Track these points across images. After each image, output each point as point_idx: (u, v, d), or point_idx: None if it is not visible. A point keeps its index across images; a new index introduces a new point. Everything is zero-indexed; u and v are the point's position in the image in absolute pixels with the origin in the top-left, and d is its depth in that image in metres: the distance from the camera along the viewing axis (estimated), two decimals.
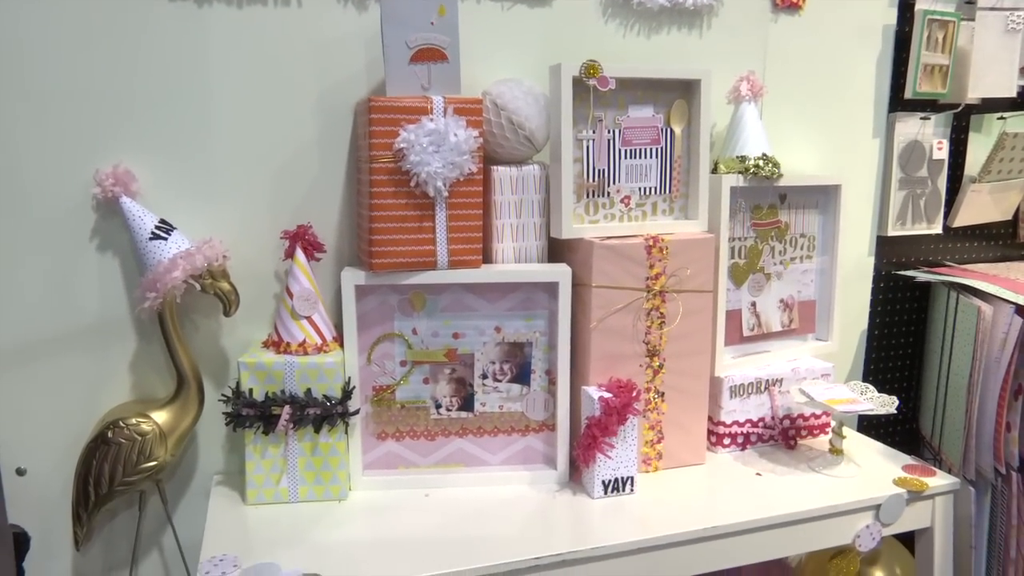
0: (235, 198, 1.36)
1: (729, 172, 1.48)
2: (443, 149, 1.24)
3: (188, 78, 1.31)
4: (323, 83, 1.37)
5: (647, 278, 1.37)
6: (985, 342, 1.66)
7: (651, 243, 1.36)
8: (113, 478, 1.27)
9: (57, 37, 1.24)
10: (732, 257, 1.53)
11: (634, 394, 1.30)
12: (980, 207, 1.94)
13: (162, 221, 1.28)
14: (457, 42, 1.29)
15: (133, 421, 1.28)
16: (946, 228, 1.93)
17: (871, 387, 1.51)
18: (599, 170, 1.39)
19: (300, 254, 1.33)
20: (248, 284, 1.37)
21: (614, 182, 1.41)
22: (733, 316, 1.55)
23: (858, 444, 1.58)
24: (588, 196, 1.39)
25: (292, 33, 1.35)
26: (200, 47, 1.31)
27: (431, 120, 1.24)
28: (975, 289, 1.72)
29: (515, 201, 1.37)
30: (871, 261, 1.87)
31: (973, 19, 1.80)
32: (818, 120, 1.74)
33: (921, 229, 1.89)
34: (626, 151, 1.41)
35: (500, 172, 1.36)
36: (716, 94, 1.54)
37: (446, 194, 1.27)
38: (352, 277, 1.30)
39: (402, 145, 1.23)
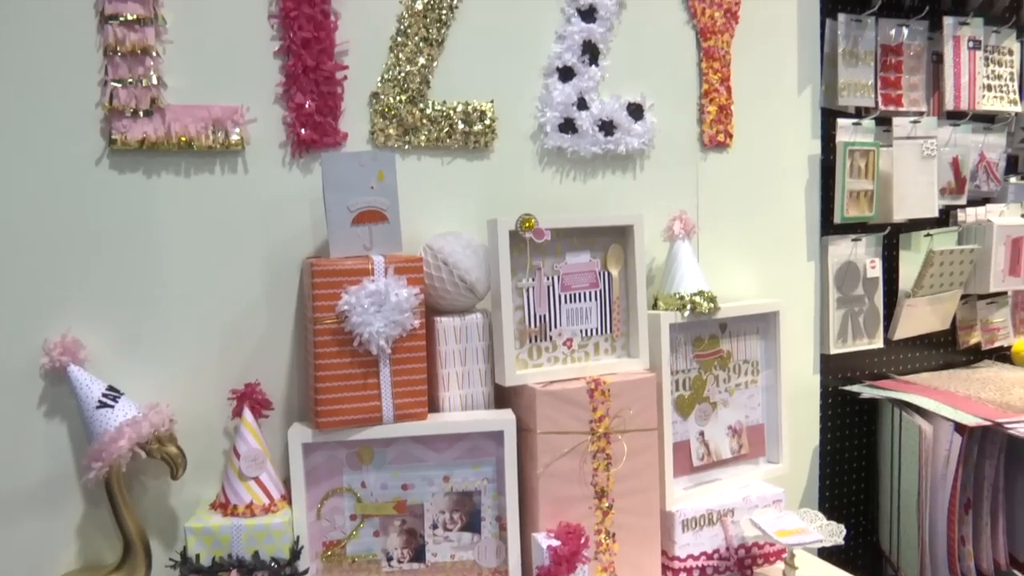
0: (185, 358, 1.39)
1: (668, 309, 1.53)
2: (385, 308, 1.28)
3: (137, 244, 1.35)
4: (270, 242, 1.42)
5: (591, 421, 1.40)
6: (929, 461, 1.70)
7: (593, 386, 1.40)
8: None
9: (6, 206, 1.28)
10: (676, 390, 1.57)
11: (583, 540, 1.31)
12: (918, 319, 2.01)
13: (110, 388, 1.30)
14: (397, 204, 1.35)
15: None
16: (887, 341, 1.99)
17: (820, 515, 1.53)
18: (540, 315, 1.44)
19: (248, 413, 1.35)
20: (197, 442, 1.38)
21: (555, 326, 1.45)
22: (681, 447, 1.58)
23: (814, 570, 1.58)
24: (531, 341, 1.44)
25: (240, 197, 1.41)
26: (149, 215, 1.36)
27: (372, 281, 1.29)
28: (916, 406, 1.77)
29: (459, 350, 1.41)
30: (816, 379, 1.92)
31: (891, 145, 1.91)
32: (754, 248, 1.81)
33: (862, 345, 1.95)
34: (566, 296, 1.46)
35: (444, 323, 1.40)
36: (652, 232, 1.61)
37: (389, 351, 1.30)
38: (299, 435, 1.31)
39: (344, 307, 1.27)
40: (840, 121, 1.87)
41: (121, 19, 1.33)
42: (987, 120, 2.09)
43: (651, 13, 1.67)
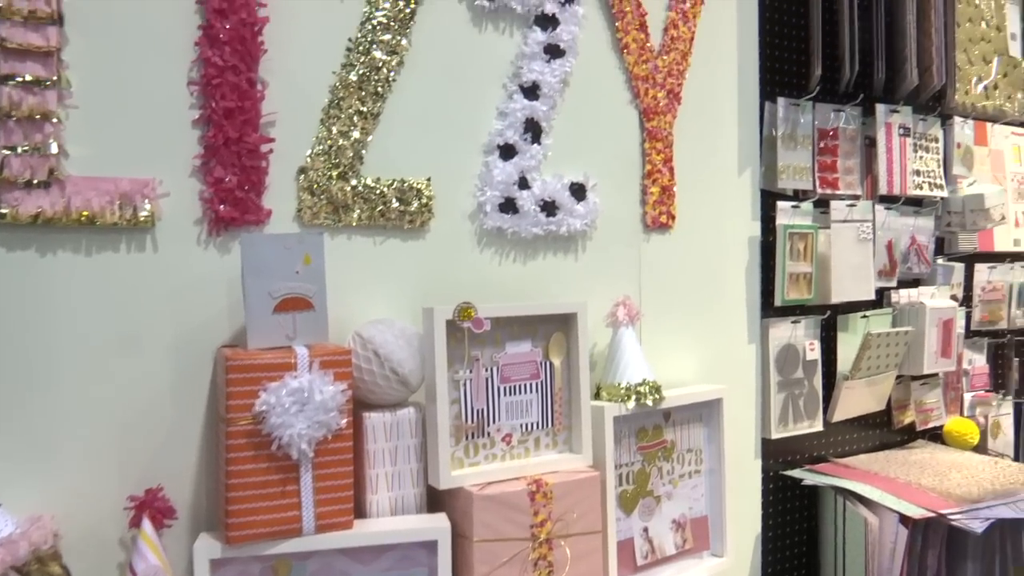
0: (77, 459, 1.22)
1: (611, 400, 1.45)
2: (308, 408, 1.16)
3: (26, 329, 1.20)
4: (180, 329, 1.29)
5: (532, 526, 1.29)
6: (875, 554, 1.65)
7: (535, 488, 1.30)
8: None
9: None
10: (620, 484, 1.48)
11: None
12: (855, 401, 1.99)
13: None
14: (324, 290, 1.24)
15: None
16: (826, 423, 1.96)
17: None
18: (478, 410, 1.34)
19: (147, 525, 1.19)
20: (87, 557, 1.21)
21: (494, 421, 1.36)
22: (625, 546, 1.49)
23: None
24: (467, 438, 1.33)
25: (147, 278, 1.27)
26: (41, 297, 1.21)
27: (295, 377, 1.17)
28: (859, 495, 1.73)
29: (389, 448, 1.29)
30: (758, 464, 1.87)
31: (829, 227, 1.91)
32: (696, 331, 1.77)
33: (803, 428, 1.92)
34: (505, 388, 1.37)
35: (373, 419, 1.28)
36: (594, 317, 1.54)
37: (311, 454, 1.18)
38: (207, 549, 1.16)
39: (262, 407, 1.15)
40: (780, 204, 1.86)
41: (18, 80, 1.20)
42: (916, 203, 2.12)
43: (595, 92, 1.63)
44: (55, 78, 1.22)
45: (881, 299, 2.05)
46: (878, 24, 1.93)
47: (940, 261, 2.18)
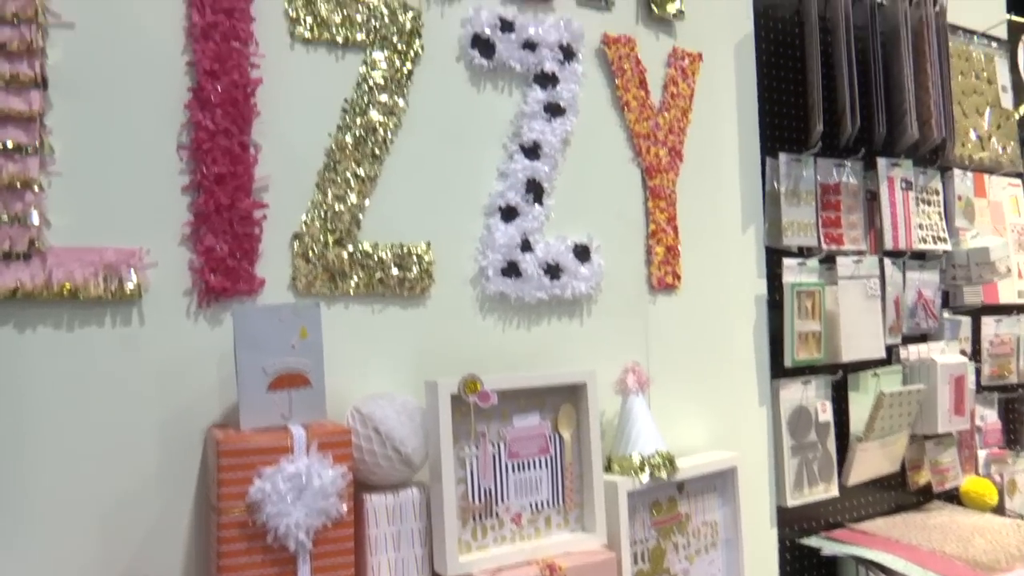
0: (55, 551, 1.12)
1: (624, 474, 1.38)
2: (306, 494, 1.08)
3: (2, 410, 1.11)
4: (168, 407, 1.20)
5: None
6: None
7: (548, 573, 1.21)
8: None
9: None
10: (636, 564, 1.39)
11: None
12: (870, 463, 1.92)
13: None
14: (321, 365, 1.17)
15: None
16: (841, 487, 1.88)
17: None
18: (485, 489, 1.26)
19: None
20: None
21: (502, 500, 1.27)
22: None
23: None
24: (475, 519, 1.25)
25: (133, 353, 1.19)
26: (18, 375, 1.13)
27: (291, 461, 1.09)
28: (883, 565, 1.64)
29: (392, 532, 1.20)
30: (774, 533, 1.78)
31: (836, 283, 1.87)
32: (705, 394, 1.70)
33: (818, 494, 1.84)
34: (513, 464, 1.29)
35: (374, 501, 1.19)
36: (602, 383, 1.47)
37: (310, 545, 1.09)
38: None
39: (257, 496, 1.06)
40: (786, 261, 1.81)
41: None
42: (920, 257, 2.08)
43: (596, 150, 1.59)
44: (37, 144, 1.16)
45: (890, 356, 2.00)
46: (876, 79, 1.91)
47: (947, 315, 2.13)
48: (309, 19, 1.33)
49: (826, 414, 1.87)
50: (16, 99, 1.16)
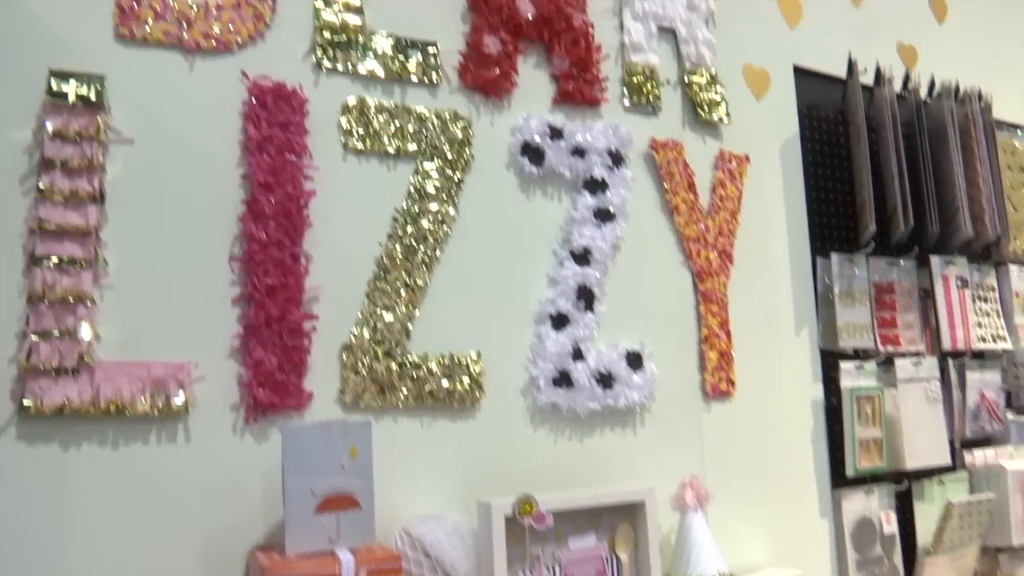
0: None
1: None
2: None
3: (43, 531, 1.07)
4: (210, 527, 1.16)
5: None
6: None
7: None
8: None
9: None
10: None
11: None
12: None
13: None
14: (371, 486, 1.12)
15: None
16: None
17: None
18: None
19: None
20: None
21: None
22: None
23: None
24: None
25: (178, 471, 1.16)
26: (61, 495, 1.09)
27: None
28: None
29: None
30: None
31: (895, 385, 1.79)
32: (764, 506, 1.62)
33: None
34: None
35: None
36: (658, 498, 1.40)
37: None
38: None
39: None
40: (843, 365, 1.75)
41: (54, 261, 1.14)
42: (979, 356, 2.01)
43: (646, 255, 1.56)
44: (92, 258, 1.16)
45: (955, 461, 1.90)
46: (927, 177, 1.88)
47: (1012, 417, 2.04)
48: (361, 130, 1.34)
49: (891, 525, 1.77)
50: (74, 214, 1.17)
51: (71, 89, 1.17)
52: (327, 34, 1.33)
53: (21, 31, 1.16)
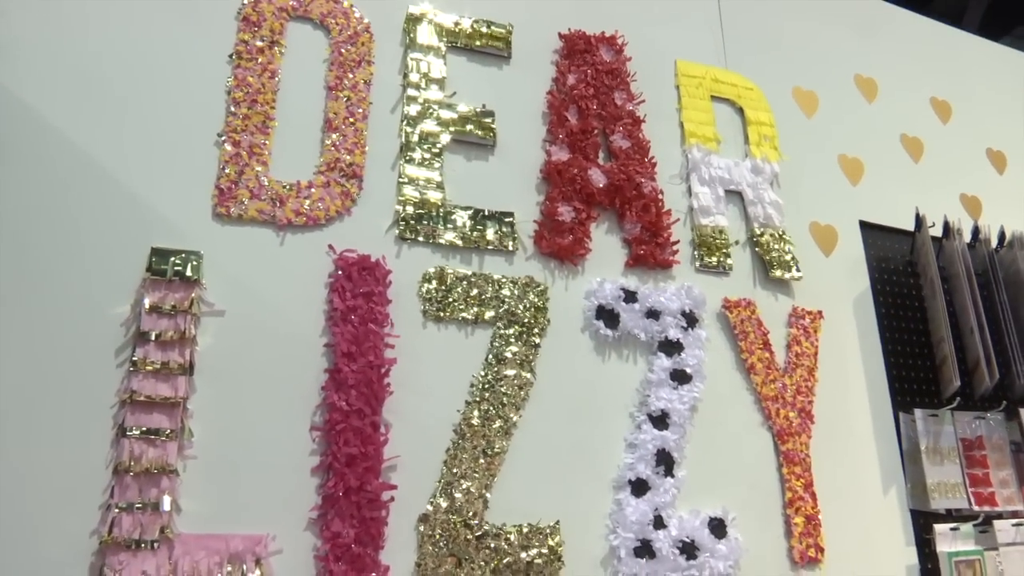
0: None
1: None
2: None
3: None
4: None
5: None
6: None
7: None
8: None
9: None
10: None
11: None
12: None
13: None
14: None
15: None
16: None
17: None
18: None
19: None
20: None
21: None
22: None
23: None
24: None
25: None
26: None
27: None
28: None
29: None
30: None
31: (996, 548, 1.68)
32: None
33: None
34: None
35: None
36: None
37: None
38: None
39: None
40: (937, 528, 1.65)
41: (141, 432, 1.15)
42: None
43: (725, 416, 1.53)
44: (178, 428, 1.18)
45: None
46: (1008, 327, 1.83)
47: None
48: (441, 298, 1.37)
49: None
50: (164, 385, 1.20)
51: (169, 266, 1.23)
52: (409, 208, 1.39)
53: (124, 212, 1.24)
